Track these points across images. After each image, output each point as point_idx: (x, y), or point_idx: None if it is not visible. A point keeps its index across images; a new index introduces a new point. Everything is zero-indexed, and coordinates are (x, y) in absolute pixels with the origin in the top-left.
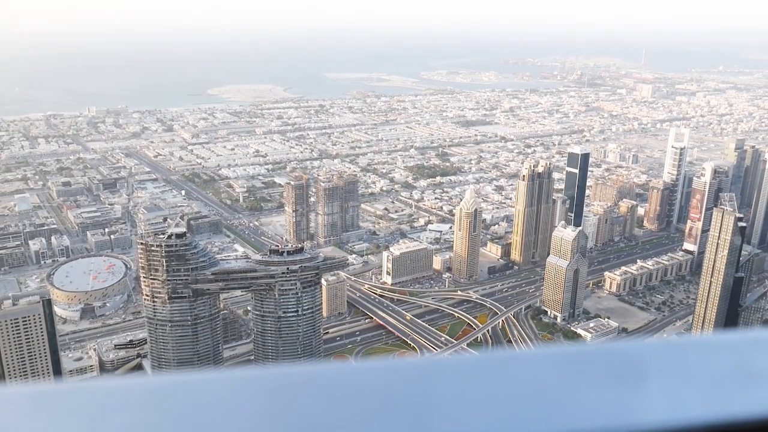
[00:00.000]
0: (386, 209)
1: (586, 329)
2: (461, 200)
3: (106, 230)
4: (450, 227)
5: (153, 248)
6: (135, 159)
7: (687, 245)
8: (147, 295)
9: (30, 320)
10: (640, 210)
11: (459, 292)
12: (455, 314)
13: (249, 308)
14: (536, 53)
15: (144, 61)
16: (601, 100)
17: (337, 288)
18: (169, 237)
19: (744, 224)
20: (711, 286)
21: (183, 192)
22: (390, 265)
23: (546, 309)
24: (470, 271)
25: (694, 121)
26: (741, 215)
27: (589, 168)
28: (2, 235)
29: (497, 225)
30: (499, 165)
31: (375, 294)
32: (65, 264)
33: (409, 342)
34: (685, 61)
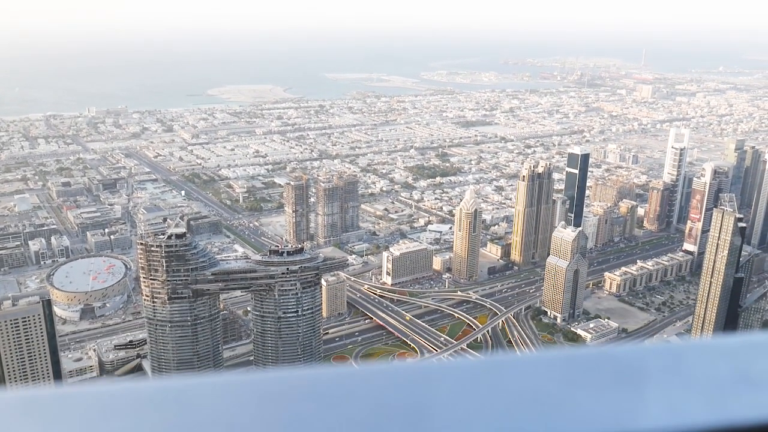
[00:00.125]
0: (386, 210)
1: (586, 330)
2: (461, 201)
3: (106, 230)
4: (450, 228)
5: (153, 248)
6: (135, 159)
7: (687, 246)
8: (147, 296)
9: (30, 321)
10: (640, 210)
11: (459, 293)
12: (455, 315)
13: (249, 309)
14: (536, 54)
15: (144, 61)
16: (601, 101)
17: (337, 288)
18: (169, 237)
19: (744, 225)
20: (711, 287)
21: (183, 192)
22: (390, 266)
23: (546, 309)
24: (470, 272)
25: (694, 122)
26: (741, 216)
27: (589, 168)
28: (2, 236)
29: (497, 225)
30: (499, 165)
31: (375, 294)
32: (65, 264)
33: (409, 342)
34: (685, 62)
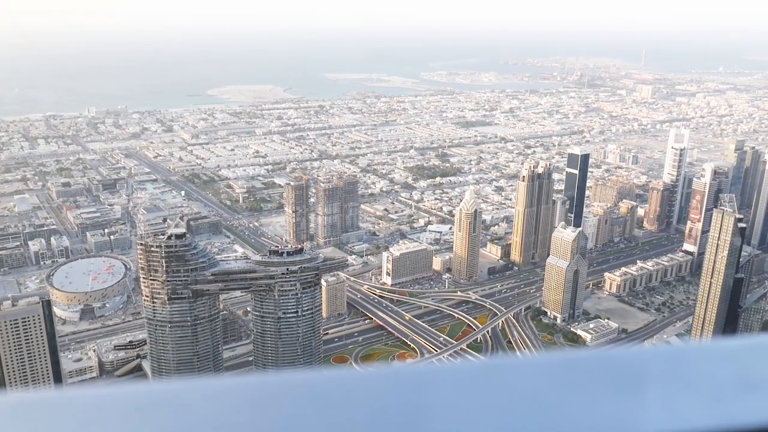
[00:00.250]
0: (386, 210)
1: (586, 330)
2: (461, 201)
3: (106, 231)
4: (450, 228)
5: (153, 249)
6: (135, 160)
7: (687, 246)
8: (146, 296)
9: (29, 321)
10: (640, 211)
11: (459, 293)
12: (455, 315)
13: (249, 309)
14: (536, 54)
15: (144, 61)
16: (601, 101)
17: (337, 289)
18: (169, 238)
19: (744, 225)
20: (711, 287)
21: (183, 192)
22: (390, 266)
23: (546, 310)
24: (470, 272)
25: (694, 122)
26: (741, 216)
27: (589, 169)
28: (2, 236)
29: (497, 226)
30: (499, 166)
31: (375, 295)
32: (65, 265)
33: (409, 343)
34: (685, 62)
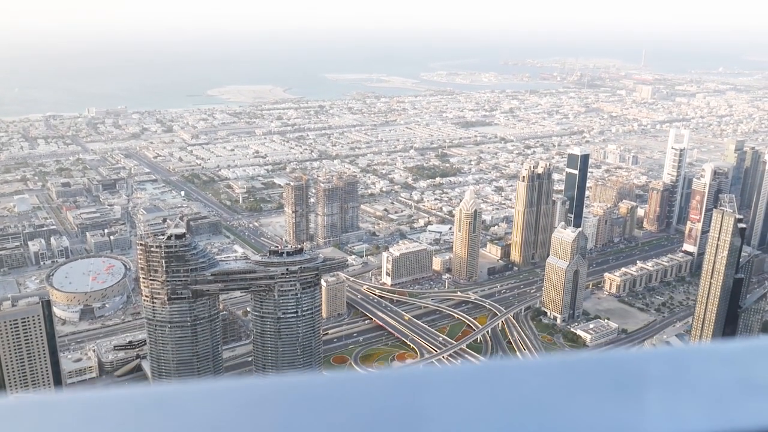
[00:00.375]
0: (386, 210)
1: (586, 330)
2: (461, 201)
3: (106, 231)
4: (450, 228)
5: (152, 249)
6: (134, 160)
7: (687, 246)
8: (146, 296)
9: (29, 321)
10: (640, 211)
11: (459, 293)
12: (455, 315)
13: (248, 309)
14: (536, 54)
15: (144, 62)
16: (601, 101)
17: (337, 289)
18: (169, 238)
19: (744, 225)
20: (711, 288)
21: (182, 193)
22: (390, 266)
23: (546, 310)
24: (470, 272)
25: (694, 123)
26: (741, 216)
27: (589, 169)
28: (2, 236)
29: (497, 226)
30: (499, 166)
31: (374, 295)
32: (64, 265)
33: (409, 343)
34: (685, 63)
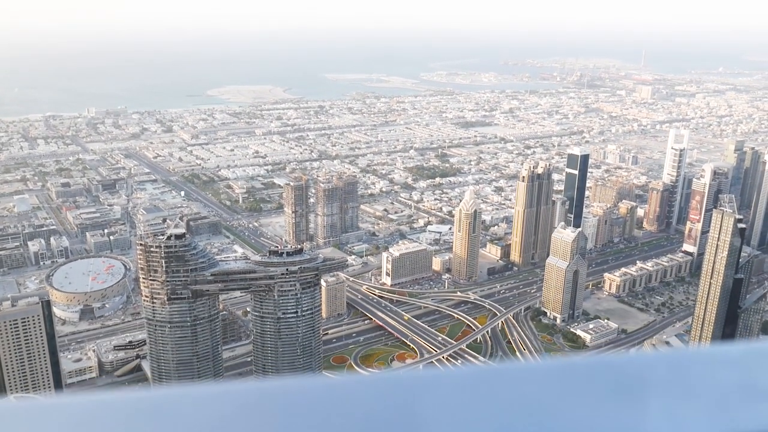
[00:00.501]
0: (386, 210)
1: (586, 330)
2: (461, 201)
3: (106, 231)
4: (449, 228)
5: (152, 249)
6: (134, 160)
7: (686, 246)
8: (146, 296)
9: (29, 321)
10: (640, 211)
11: (458, 293)
12: (455, 315)
13: (248, 309)
14: (536, 54)
15: (144, 62)
16: (601, 102)
17: (337, 289)
18: (169, 238)
19: (743, 226)
20: (710, 288)
21: (182, 193)
22: (389, 266)
23: (545, 310)
24: (470, 272)
25: (694, 123)
26: (740, 217)
27: (589, 169)
28: (1, 236)
29: (497, 226)
30: (499, 166)
31: (374, 295)
32: (64, 265)
33: (408, 343)
34: (685, 63)
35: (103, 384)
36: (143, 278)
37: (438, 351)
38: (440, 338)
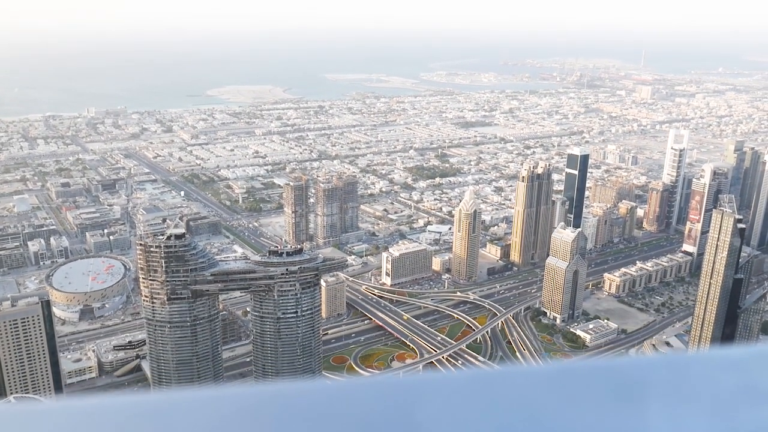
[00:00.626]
0: (385, 210)
1: (586, 330)
2: (460, 201)
3: (105, 231)
4: (449, 228)
5: (152, 249)
6: (134, 160)
7: (686, 247)
8: (146, 296)
9: (29, 321)
10: (640, 211)
11: (458, 293)
12: (454, 315)
13: (248, 309)
14: (536, 54)
15: (144, 62)
16: (601, 102)
17: (337, 289)
18: (168, 238)
19: (743, 226)
20: (710, 288)
21: (182, 193)
22: (389, 266)
23: (545, 310)
24: (469, 272)
25: (694, 123)
26: (740, 217)
27: (589, 169)
28: (1, 236)
29: (496, 226)
30: (499, 166)
31: (374, 295)
32: (64, 265)
33: (408, 343)
34: (685, 63)
35: (103, 384)
36: (143, 278)
37: (438, 351)
38: (440, 338)
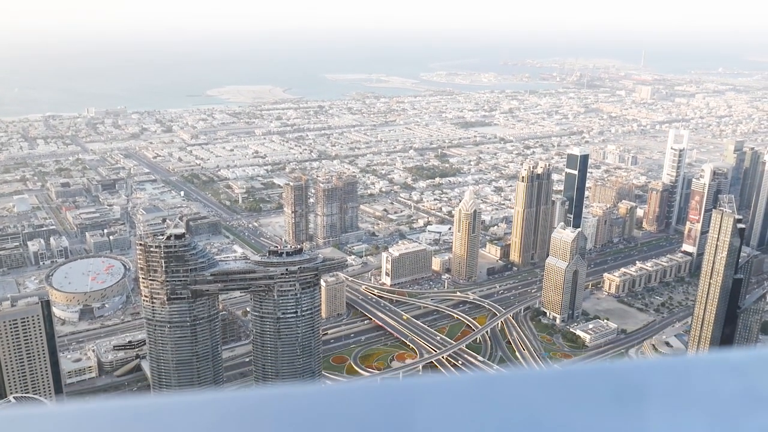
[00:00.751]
0: (385, 210)
1: (585, 330)
2: (460, 201)
3: (105, 231)
4: (449, 228)
5: (152, 249)
6: (134, 160)
7: (686, 247)
8: (146, 296)
9: (29, 321)
10: (639, 211)
11: (458, 293)
12: (454, 315)
13: (248, 309)
14: (535, 54)
15: (143, 62)
16: (601, 102)
17: (337, 289)
18: (168, 238)
19: (743, 226)
20: (710, 288)
21: (182, 193)
22: (389, 266)
23: (545, 310)
24: (469, 272)
25: (694, 123)
26: (740, 217)
27: (589, 169)
28: (1, 236)
29: (496, 226)
30: (498, 166)
31: (374, 295)
32: (64, 265)
33: (408, 343)
34: (685, 63)
35: (103, 384)
36: (143, 278)
37: (437, 351)
38: (439, 338)
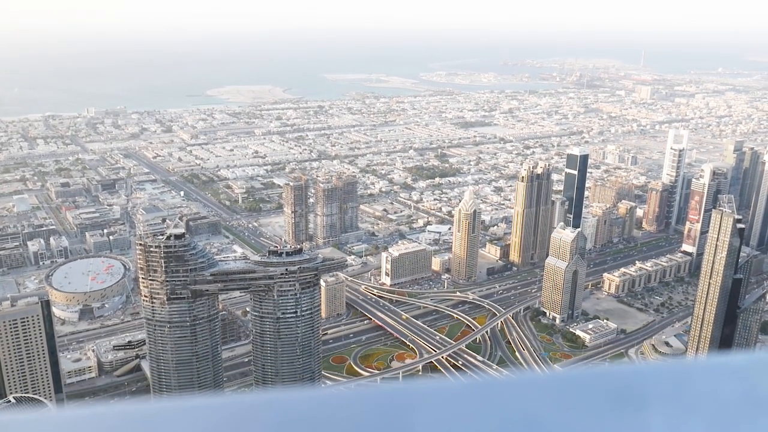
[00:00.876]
0: (385, 210)
1: (585, 330)
2: (460, 201)
3: (105, 231)
4: (449, 228)
5: (152, 249)
6: (134, 160)
7: (686, 247)
8: (146, 296)
9: (28, 321)
10: (639, 211)
11: (458, 293)
12: (454, 315)
13: (248, 309)
14: (535, 54)
15: (143, 62)
16: (600, 102)
17: (336, 289)
18: (168, 238)
19: (743, 226)
20: (710, 288)
21: (182, 193)
22: (389, 266)
23: (545, 310)
24: (469, 272)
25: (693, 123)
26: (740, 217)
27: (588, 169)
28: (1, 236)
29: (496, 226)
30: (498, 166)
31: (374, 295)
32: (64, 265)
33: (408, 343)
34: (684, 63)
35: (103, 384)
36: (142, 278)
37: (437, 351)
38: (439, 338)
